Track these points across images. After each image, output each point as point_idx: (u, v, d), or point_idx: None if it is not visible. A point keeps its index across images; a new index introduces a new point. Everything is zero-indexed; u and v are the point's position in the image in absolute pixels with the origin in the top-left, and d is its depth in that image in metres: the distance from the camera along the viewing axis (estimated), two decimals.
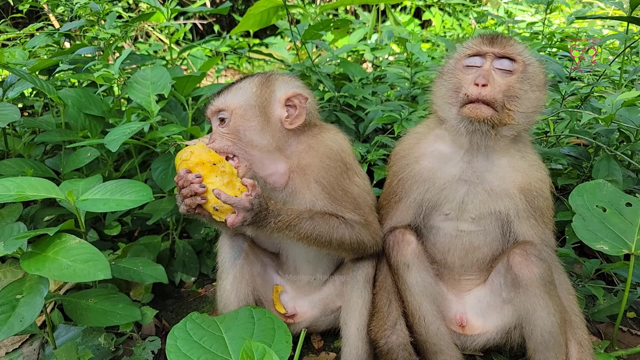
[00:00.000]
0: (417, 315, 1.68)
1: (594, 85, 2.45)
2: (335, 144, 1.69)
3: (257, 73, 1.76)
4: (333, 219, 1.63)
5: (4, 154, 2.59)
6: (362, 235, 1.67)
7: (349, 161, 1.72)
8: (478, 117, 1.54)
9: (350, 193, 1.68)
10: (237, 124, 1.62)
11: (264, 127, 1.63)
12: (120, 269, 1.99)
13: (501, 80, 1.57)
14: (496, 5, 7.15)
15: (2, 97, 2.46)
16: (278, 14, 3.19)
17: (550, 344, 1.59)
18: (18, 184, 1.79)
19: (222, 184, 1.50)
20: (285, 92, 1.67)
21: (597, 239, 1.73)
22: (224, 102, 1.65)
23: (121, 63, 2.45)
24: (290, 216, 1.57)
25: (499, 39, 1.62)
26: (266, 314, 1.52)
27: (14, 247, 1.59)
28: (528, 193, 1.68)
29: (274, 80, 1.70)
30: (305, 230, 1.58)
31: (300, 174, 1.65)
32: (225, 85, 1.72)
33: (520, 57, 1.60)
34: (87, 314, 1.80)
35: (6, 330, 1.49)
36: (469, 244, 1.74)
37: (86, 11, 2.71)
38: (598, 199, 1.84)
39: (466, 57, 1.64)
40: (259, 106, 1.64)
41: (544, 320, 1.58)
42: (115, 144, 1.98)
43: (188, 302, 2.33)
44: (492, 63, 1.59)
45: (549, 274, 1.59)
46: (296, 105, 1.65)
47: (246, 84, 1.68)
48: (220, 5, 3.24)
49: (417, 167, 1.74)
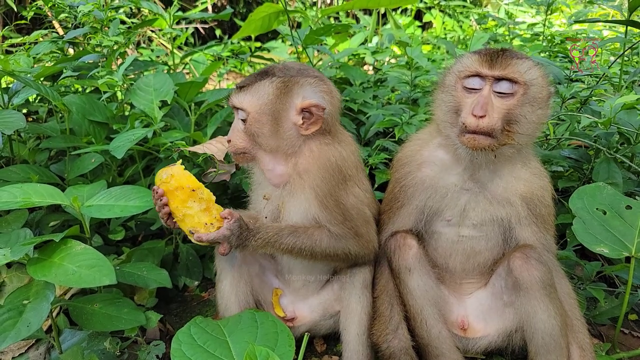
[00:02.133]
0: (418, 318, 1.69)
1: (593, 88, 2.46)
2: (336, 157, 1.66)
3: (281, 69, 1.68)
4: (317, 232, 1.65)
5: (10, 160, 2.61)
6: (348, 247, 1.68)
7: (350, 173, 1.70)
8: (476, 147, 1.53)
9: (343, 204, 1.66)
10: (252, 127, 1.66)
11: (275, 132, 1.65)
12: (124, 273, 2.01)
13: (500, 106, 1.53)
14: (497, 6, 7.16)
15: (8, 104, 2.49)
16: (279, 19, 3.20)
17: (551, 346, 1.60)
18: (24, 191, 1.81)
19: (200, 210, 1.59)
20: (302, 100, 1.63)
21: (598, 242, 1.74)
22: (243, 102, 1.66)
23: (124, 69, 2.47)
24: (269, 233, 1.62)
25: (500, 60, 1.54)
26: (269, 318, 1.54)
27: (20, 253, 1.61)
28: (530, 201, 1.68)
29: (294, 86, 1.64)
30: (287, 245, 1.63)
31: (299, 178, 1.68)
32: (248, 78, 1.70)
33: (522, 78, 1.54)
34: (92, 319, 1.82)
35: (14, 336, 1.51)
36: (470, 249, 1.75)
37: (90, 18, 2.73)
38: (598, 201, 1.85)
39: (465, 77, 1.59)
40: (273, 114, 1.64)
41: (544, 323, 1.59)
42: (120, 150, 2.01)
43: (192, 306, 2.34)
44: (492, 86, 1.54)
45: (549, 277, 1.60)
46: (313, 113, 1.64)
47: (266, 87, 1.64)
48: (222, 11, 3.27)
49: (419, 175, 1.75)
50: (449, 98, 1.63)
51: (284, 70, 1.67)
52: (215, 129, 2.56)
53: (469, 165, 1.66)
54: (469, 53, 1.67)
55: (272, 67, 1.71)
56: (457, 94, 1.61)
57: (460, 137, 1.56)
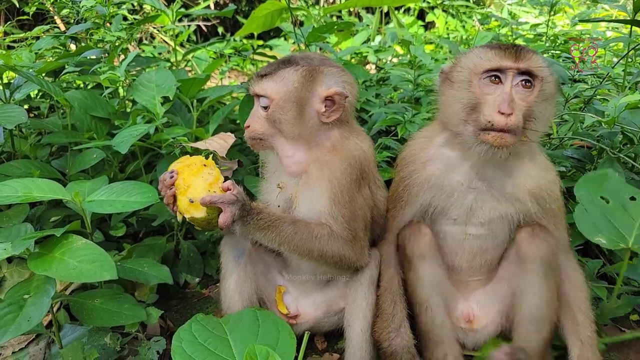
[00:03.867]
0: (424, 305, 1.68)
1: (597, 88, 2.46)
2: (359, 152, 1.69)
3: (303, 59, 1.70)
4: (318, 228, 1.63)
5: (11, 155, 2.61)
6: (344, 250, 1.65)
7: (367, 171, 1.72)
8: (502, 145, 1.49)
9: (354, 202, 1.67)
10: (274, 114, 1.66)
11: (298, 119, 1.65)
12: (125, 269, 2.01)
13: (521, 102, 1.50)
14: (500, 6, 7.15)
15: (9, 99, 2.48)
16: (282, 17, 3.20)
17: (533, 319, 1.61)
18: (25, 185, 1.81)
19: (205, 183, 1.55)
20: (327, 89, 1.65)
21: (597, 232, 1.71)
22: (266, 89, 1.66)
23: (127, 65, 2.47)
24: (272, 217, 1.60)
25: (520, 52, 1.51)
26: (270, 316, 1.53)
27: (21, 248, 1.60)
28: (539, 197, 1.66)
29: (318, 75, 1.66)
30: (286, 234, 1.59)
31: (319, 168, 1.67)
32: (269, 66, 1.70)
33: (540, 72, 1.51)
34: (93, 314, 1.82)
35: (14, 330, 1.51)
36: (477, 247, 1.73)
37: (92, 14, 2.73)
38: (603, 189, 1.80)
39: (484, 72, 1.53)
40: (297, 102, 1.64)
41: (532, 297, 1.60)
42: (124, 146, 2.01)
43: (192, 303, 2.34)
44: (512, 80, 1.51)
45: (551, 259, 1.60)
46: (335, 101, 1.66)
47: (291, 75, 1.65)
48: (225, 8, 3.27)
49: (424, 174, 1.72)
50: (464, 94, 1.56)
51: (306, 59, 1.69)
52: (217, 125, 2.56)
53: (476, 163, 1.64)
54: (478, 47, 1.63)
55: (293, 56, 1.72)
56: (475, 90, 1.54)
57: (482, 136, 1.51)
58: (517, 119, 1.46)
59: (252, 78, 1.73)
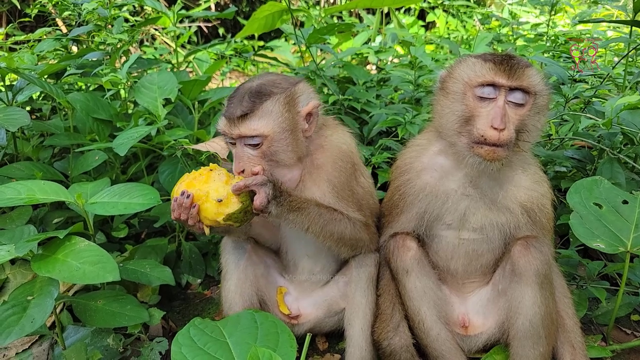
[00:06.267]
0: (416, 319, 1.70)
1: (597, 88, 2.46)
2: (345, 145, 1.76)
3: (271, 86, 1.64)
4: (337, 212, 1.68)
5: (13, 157, 2.63)
6: (361, 233, 1.74)
7: (357, 161, 1.81)
8: (494, 159, 1.51)
9: (356, 193, 1.75)
10: (271, 148, 1.62)
11: (293, 145, 1.65)
12: (128, 270, 2.02)
13: (514, 116, 1.52)
14: (500, 6, 7.14)
15: (12, 101, 2.50)
16: (282, 18, 3.21)
17: (529, 333, 1.60)
18: (29, 188, 1.82)
19: (222, 182, 1.55)
20: (306, 106, 1.68)
21: (594, 237, 1.73)
22: (256, 128, 1.58)
23: (128, 67, 2.48)
24: (301, 199, 1.62)
25: (515, 68, 1.50)
26: (269, 318, 1.51)
27: (25, 250, 1.61)
28: (530, 210, 1.69)
29: (297, 97, 1.66)
30: (314, 215, 1.62)
31: (312, 173, 1.71)
32: (242, 106, 1.58)
33: (533, 88, 1.52)
34: (95, 315, 1.83)
35: (18, 331, 1.52)
36: (472, 251, 1.75)
37: (94, 16, 2.74)
38: (595, 196, 1.83)
39: (478, 86, 1.54)
40: (290, 129, 1.63)
41: (528, 309, 1.59)
42: (123, 148, 2.01)
43: (194, 304, 2.35)
44: (506, 96, 1.51)
45: (546, 269, 1.61)
46: (313, 114, 1.69)
47: (274, 106, 1.60)
48: (225, 9, 3.27)
49: (419, 182, 1.73)
50: (458, 106, 1.58)
51: (274, 86, 1.64)
52: None
53: (469, 172, 1.66)
54: (472, 58, 1.62)
55: (259, 87, 1.62)
56: (469, 103, 1.55)
57: (476, 149, 1.53)
58: (509, 134, 1.48)
59: (226, 121, 1.61)
